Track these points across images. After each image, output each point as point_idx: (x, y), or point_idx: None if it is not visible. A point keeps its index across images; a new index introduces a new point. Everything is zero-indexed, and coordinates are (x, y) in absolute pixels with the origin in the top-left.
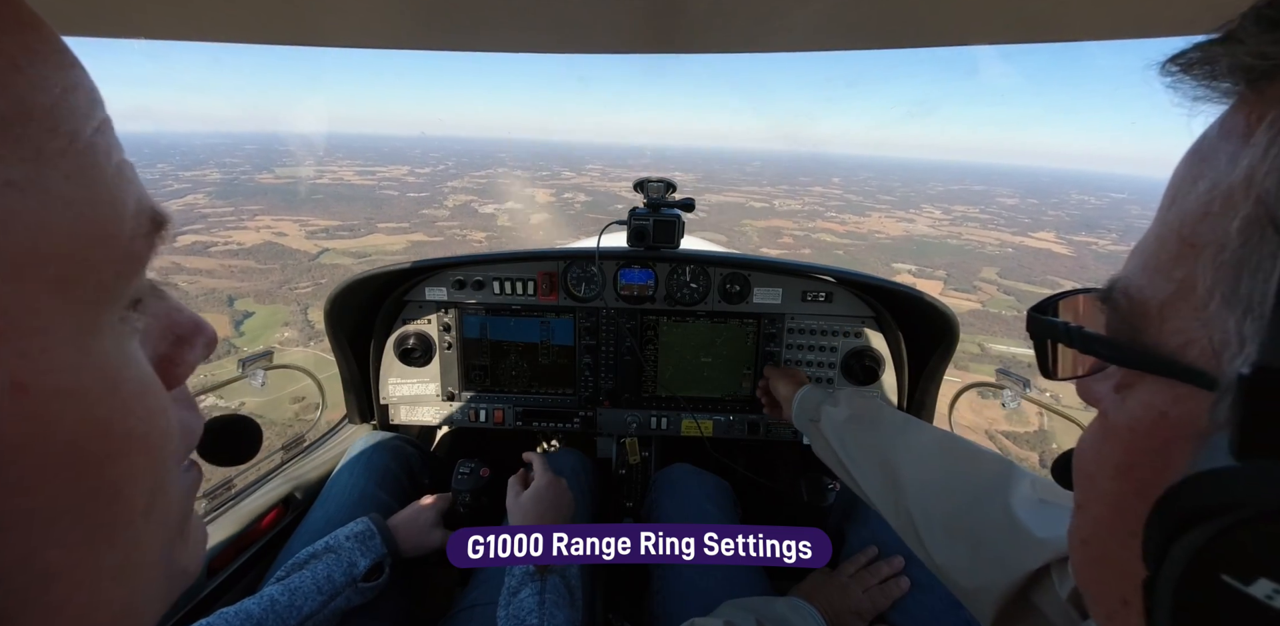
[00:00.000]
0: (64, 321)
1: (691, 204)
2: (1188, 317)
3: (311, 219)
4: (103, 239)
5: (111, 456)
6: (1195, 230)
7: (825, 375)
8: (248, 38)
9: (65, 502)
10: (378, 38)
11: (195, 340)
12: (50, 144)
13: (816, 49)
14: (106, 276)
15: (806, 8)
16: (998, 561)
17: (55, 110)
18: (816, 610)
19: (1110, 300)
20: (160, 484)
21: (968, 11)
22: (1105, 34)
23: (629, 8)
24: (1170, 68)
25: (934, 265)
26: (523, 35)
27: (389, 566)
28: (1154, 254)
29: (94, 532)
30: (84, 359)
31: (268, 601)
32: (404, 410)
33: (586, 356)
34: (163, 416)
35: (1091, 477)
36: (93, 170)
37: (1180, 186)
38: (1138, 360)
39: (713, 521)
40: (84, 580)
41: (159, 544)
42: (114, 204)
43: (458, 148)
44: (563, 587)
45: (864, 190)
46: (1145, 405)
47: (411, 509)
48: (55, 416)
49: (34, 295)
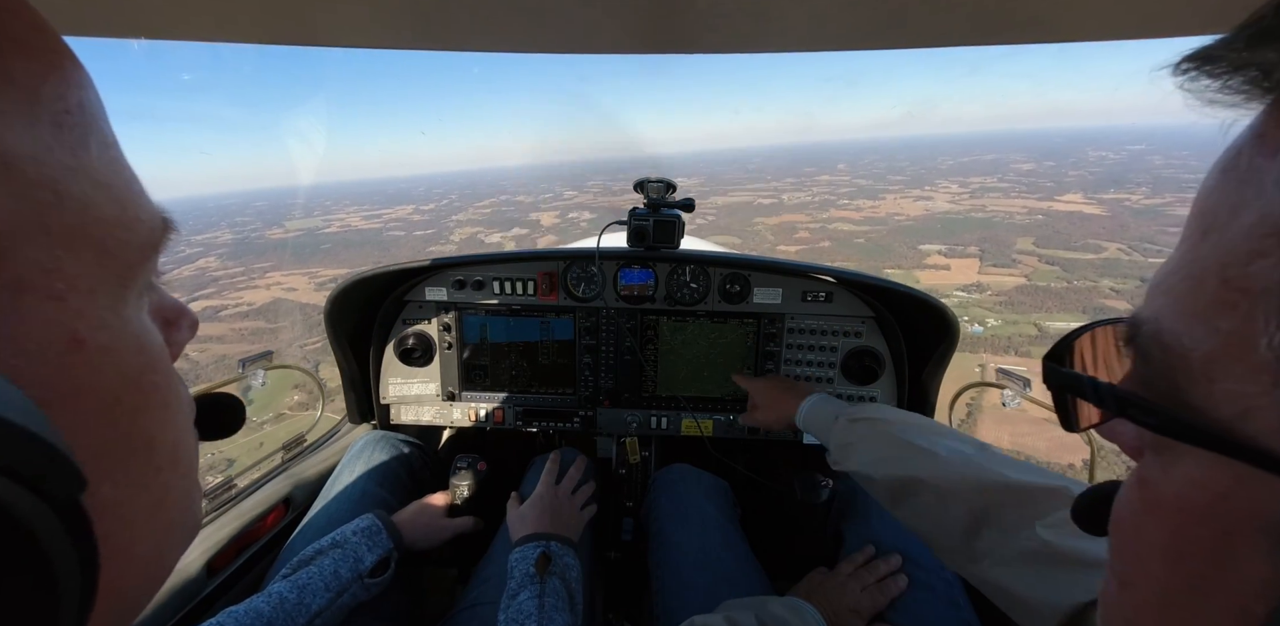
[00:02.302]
0: (105, 288)
1: (691, 204)
2: (1245, 380)
3: (321, 269)
4: (131, 223)
5: (142, 408)
6: (1245, 272)
7: (825, 375)
8: (248, 38)
9: (113, 445)
10: (378, 38)
11: (181, 322)
12: (94, 138)
13: (816, 49)
14: (134, 255)
15: (806, 8)
16: (1048, 588)
17: (99, 112)
18: (815, 609)
19: (1138, 346)
20: (180, 438)
21: (968, 11)
22: (1105, 34)
23: (629, 8)
24: (1186, 65)
25: (964, 242)
26: (523, 35)
27: (395, 562)
28: (1187, 295)
29: (135, 473)
30: (119, 321)
31: (276, 599)
32: (404, 410)
33: (586, 356)
34: (176, 377)
35: (1136, 556)
36: (121, 164)
37: (1215, 214)
38: (1185, 431)
39: (712, 521)
40: (124, 516)
41: (182, 492)
42: (137, 195)
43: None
44: (562, 591)
45: (872, 173)
46: (1196, 483)
47: (416, 505)
48: (101, 369)
49: (85, 263)
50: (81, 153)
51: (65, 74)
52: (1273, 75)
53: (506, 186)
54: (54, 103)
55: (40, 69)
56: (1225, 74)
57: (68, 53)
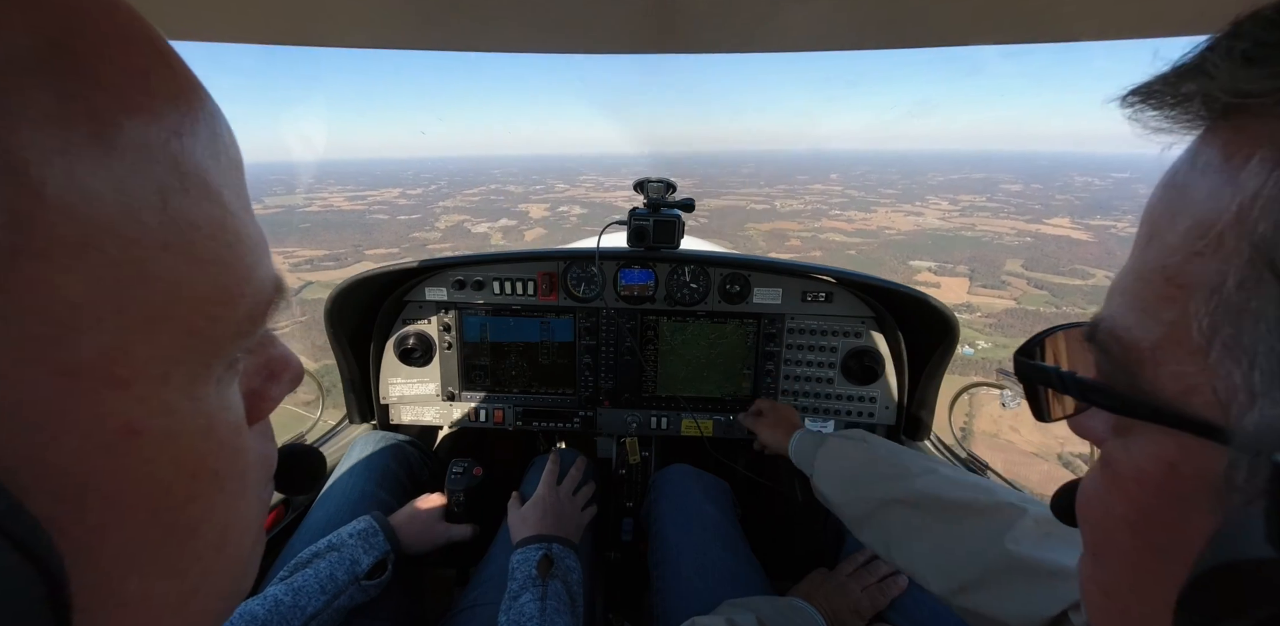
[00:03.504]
0: (182, 370)
1: (691, 204)
2: (1186, 362)
3: (297, 250)
4: (231, 300)
5: (194, 497)
6: (1181, 270)
7: (825, 375)
8: (248, 38)
9: (150, 538)
10: (378, 38)
11: (284, 375)
12: (208, 206)
13: (816, 49)
14: (227, 333)
15: (806, 8)
16: (1017, 604)
17: (208, 176)
18: (816, 609)
19: (1097, 342)
20: (233, 521)
21: (968, 11)
22: (1105, 34)
23: (629, 8)
24: (1131, 99)
25: (954, 260)
26: (523, 35)
27: (392, 564)
28: (1138, 293)
29: (169, 567)
30: (192, 404)
31: (272, 601)
32: (404, 410)
33: (586, 356)
34: (244, 456)
35: (1105, 530)
36: (236, 234)
37: (1158, 222)
38: (1138, 409)
39: (712, 522)
40: (149, 609)
41: (226, 576)
42: (246, 269)
43: (450, 167)
44: (564, 593)
45: (864, 185)
46: (1151, 456)
47: (413, 506)
48: (156, 458)
49: (161, 346)
50: (185, 228)
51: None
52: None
53: (497, 175)
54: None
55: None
56: (1163, 107)
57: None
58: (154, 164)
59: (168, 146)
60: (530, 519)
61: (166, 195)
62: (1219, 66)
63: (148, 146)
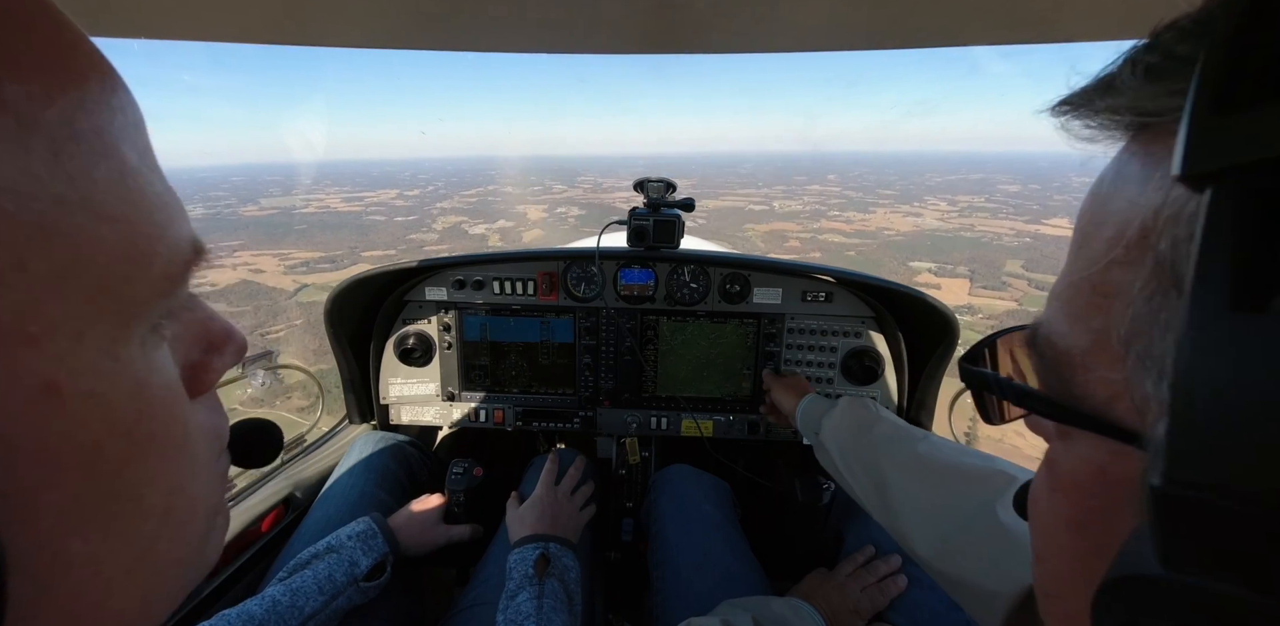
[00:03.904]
0: (98, 329)
1: (691, 204)
2: (1111, 369)
3: (293, 251)
4: (142, 257)
5: (131, 459)
6: (1105, 278)
7: (825, 375)
8: (248, 38)
9: (88, 499)
10: (378, 38)
11: (225, 348)
12: (107, 164)
13: (816, 49)
14: (142, 292)
15: (806, 8)
16: (1000, 573)
17: (125, 133)
18: (815, 609)
19: (1035, 346)
20: (179, 486)
21: (968, 11)
22: (1105, 34)
23: (629, 8)
24: (1060, 109)
25: (954, 261)
26: (523, 35)
27: (391, 565)
28: (1069, 300)
29: (113, 529)
30: (113, 365)
31: (269, 602)
32: (404, 410)
33: (586, 356)
34: (182, 422)
35: (1047, 530)
36: (141, 191)
37: (1086, 229)
38: (1068, 415)
39: (712, 522)
40: (100, 572)
41: (178, 542)
42: (159, 224)
43: (448, 168)
44: (561, 592)
45: (863, 186)
46: (1084, 459)
47: (411, 508)
48: (83, 417)
49: (73, 303)
50: (83, 183)
51: (82, 94)
52: (1124, 119)
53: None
54: (57, 128)
55: (45, 91)
56: (1085, 118)
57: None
58: (42, 118)
59: (55, 101)
60: (528, 518)
61: (58, 149)
62: (1126, 83)
63: (33, 99)
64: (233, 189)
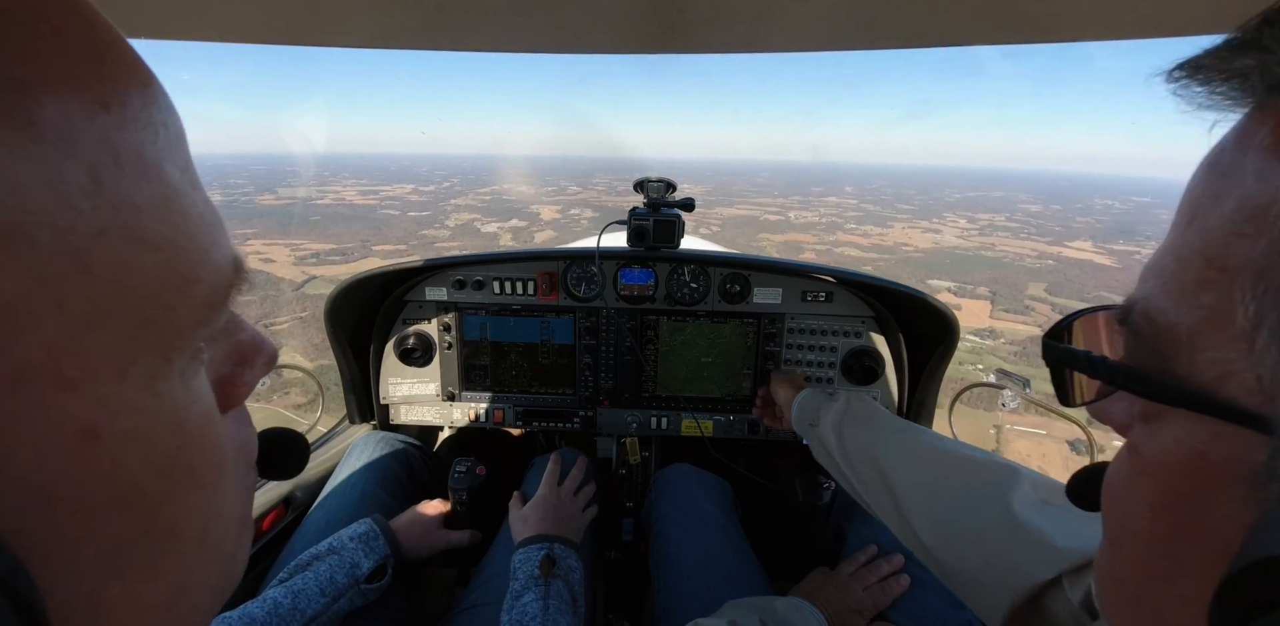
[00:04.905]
0: (139, 365)
1: (691, 203)
2: (1225, 349)
3: (304, 242)
4: (185, 285)
5: (169, 495)
6: (1225, 252)
7: (825, 375)
8: (248, 38)
9: (126, 542)
10: (378, 38)
11: (255, 360)
12: (147, 187)
13: (816, 49)
14: (185, 322)
15: (806, 8)
16: (1008, 565)
17: (165, 152)
18: (818, 609)
19: (1130, 324)
20: (214, 513)
21: (968, 11)
22: (1106, 34)
23: (629, 8)
24: (1178, 74)
25: (974, 281)
26: (523, 35)
27: (392, 568)
28: (1175, 275)
29: (151, 568)
30: (153, 401)
31: (270, 604)
32: (404, 410)
33: (586, 356)
34: (219, 449)
35: (1124, 514)
36: (184, 214)
37: (1200, 203)
38: (1171, 395)
39: (713, 522)
40: (135, 611)
41: (213, 569)
42: (198, 251)
43: (465, 165)
44: (566, 593)
45: (880, 199)
46: (1179, 442)
47: (414, 511)
48: (122, 459)
49: (113, 340)
50: (126, 210)
51: (123, 111)
52: (1252, 82)
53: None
54: (97, 151)
55: (84, 109)
56: (1212, 82)
57: (135, 77)
58: (81, 141)
59: (95, 120)
60: (531, 519)
61: (99, 175)
62: (1276, 38)
63: (71, 120)
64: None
